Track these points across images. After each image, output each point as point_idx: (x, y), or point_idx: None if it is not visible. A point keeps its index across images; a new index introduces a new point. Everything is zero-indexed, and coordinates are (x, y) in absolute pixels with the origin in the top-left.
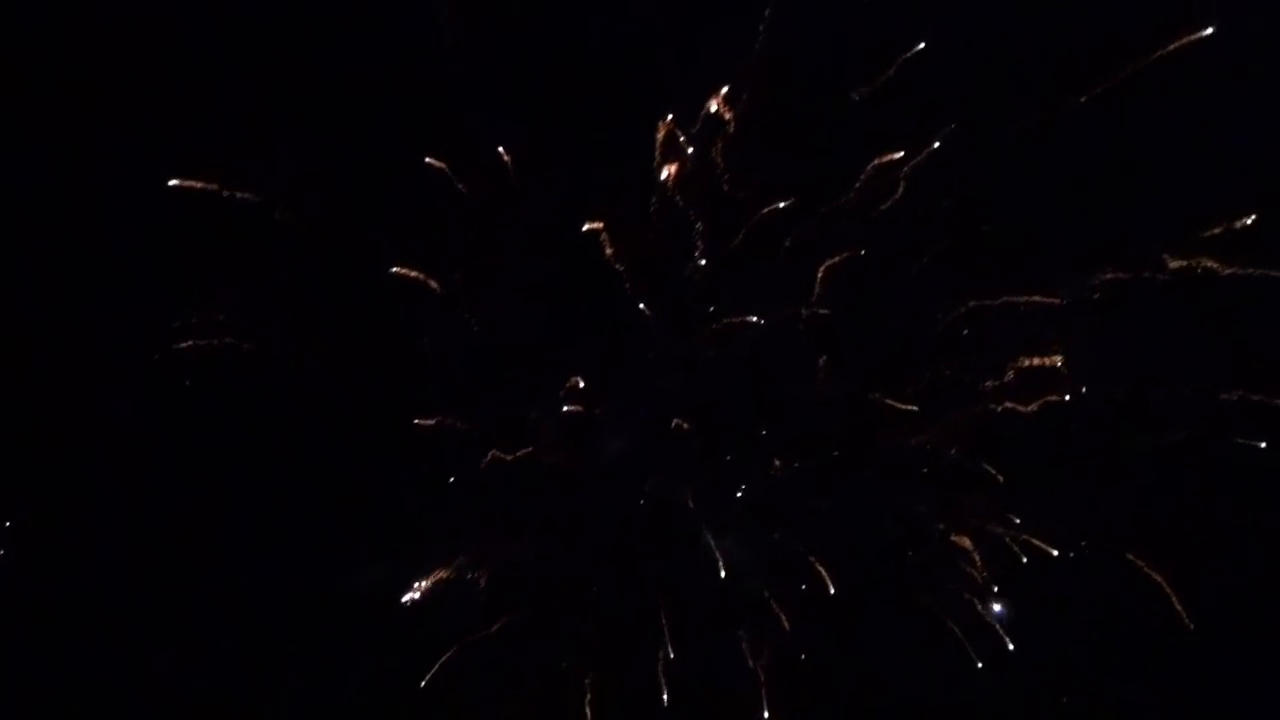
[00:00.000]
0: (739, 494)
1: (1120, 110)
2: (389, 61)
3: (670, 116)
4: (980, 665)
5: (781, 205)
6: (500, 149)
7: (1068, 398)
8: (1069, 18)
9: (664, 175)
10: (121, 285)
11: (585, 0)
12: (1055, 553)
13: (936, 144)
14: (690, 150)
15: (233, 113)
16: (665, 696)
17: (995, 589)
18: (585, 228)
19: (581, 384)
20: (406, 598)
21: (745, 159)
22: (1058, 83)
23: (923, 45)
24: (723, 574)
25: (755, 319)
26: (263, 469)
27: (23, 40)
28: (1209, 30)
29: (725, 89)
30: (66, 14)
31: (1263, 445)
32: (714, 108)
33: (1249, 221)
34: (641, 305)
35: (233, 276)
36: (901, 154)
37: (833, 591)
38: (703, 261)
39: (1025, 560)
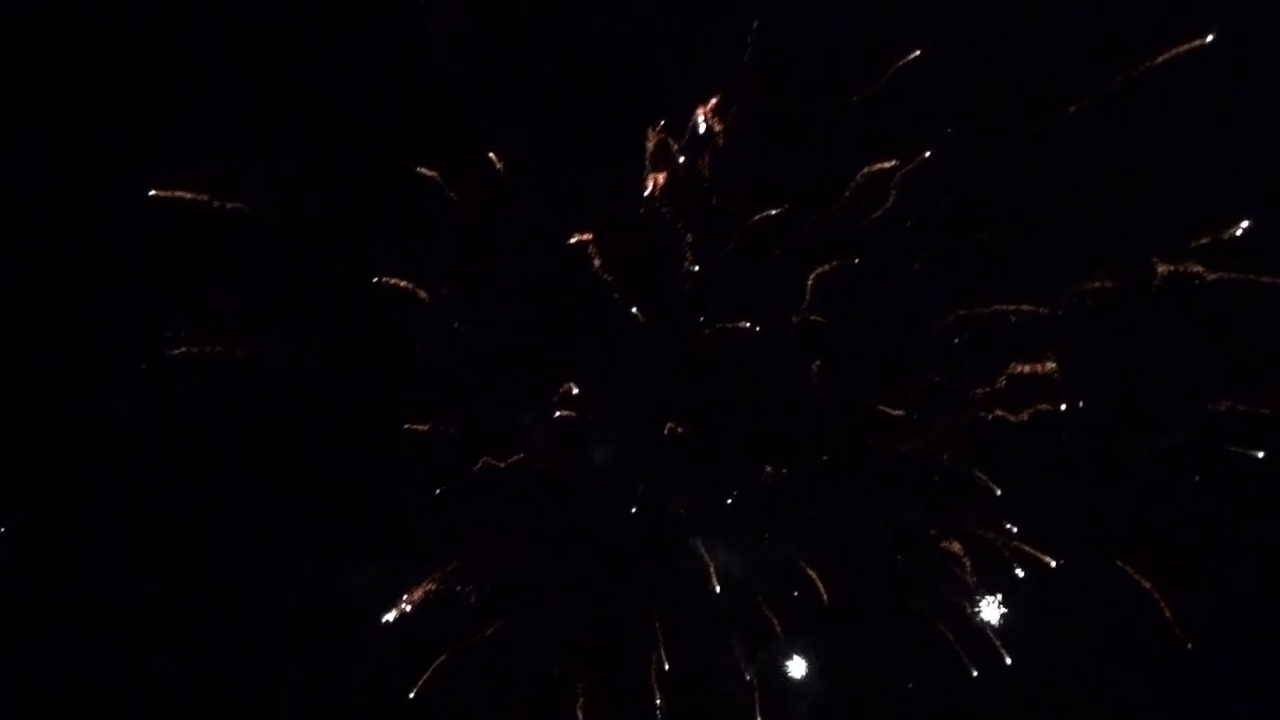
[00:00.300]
0: (731, 500)
1: (1113, 118)
2: (383, 70)
3: (662, 124)
4: (975, 673)
5: (774, 212)
6: (492, 155)
7: (1063, 407)
8: (1061, 27)
9: (656, 182)
10: (118, 290)
11: (578, 9)
12: (1048, 559)
13: (928, 152)
14: (682, 158)
15: (227, 118)
16: (658, 702)
17: (987, 594)
18: (574, 239)
19: (574, 389)
20: (399, 605)
21: (737, 166)
22: (1049, 91)
23: (918, 53)
24: (714, 580)
25: (748, 325)
26: (257, 474)
27: (21, 45)
28: (1209, 38)
29: (716, 98)
30: (66, 18)
31: (1258, 454)
32: (706, 116)
33: (1239, 231)
34: (634, 310)
35: (227, 282)
36: (894, 162)
37: (825, 597)
38: (695, 267)
39: (1017, 566)
